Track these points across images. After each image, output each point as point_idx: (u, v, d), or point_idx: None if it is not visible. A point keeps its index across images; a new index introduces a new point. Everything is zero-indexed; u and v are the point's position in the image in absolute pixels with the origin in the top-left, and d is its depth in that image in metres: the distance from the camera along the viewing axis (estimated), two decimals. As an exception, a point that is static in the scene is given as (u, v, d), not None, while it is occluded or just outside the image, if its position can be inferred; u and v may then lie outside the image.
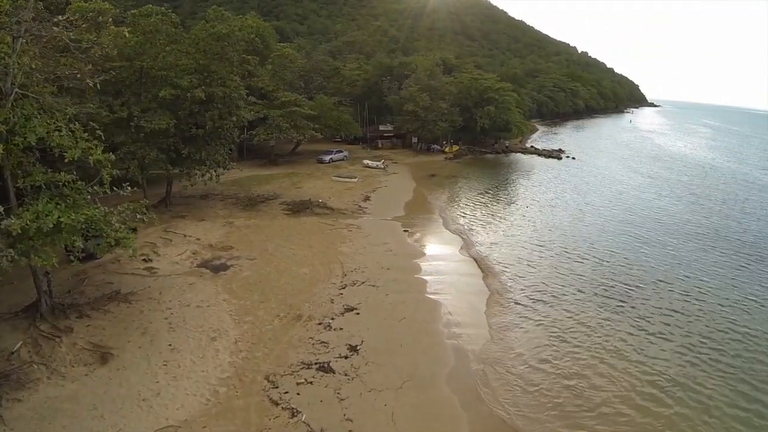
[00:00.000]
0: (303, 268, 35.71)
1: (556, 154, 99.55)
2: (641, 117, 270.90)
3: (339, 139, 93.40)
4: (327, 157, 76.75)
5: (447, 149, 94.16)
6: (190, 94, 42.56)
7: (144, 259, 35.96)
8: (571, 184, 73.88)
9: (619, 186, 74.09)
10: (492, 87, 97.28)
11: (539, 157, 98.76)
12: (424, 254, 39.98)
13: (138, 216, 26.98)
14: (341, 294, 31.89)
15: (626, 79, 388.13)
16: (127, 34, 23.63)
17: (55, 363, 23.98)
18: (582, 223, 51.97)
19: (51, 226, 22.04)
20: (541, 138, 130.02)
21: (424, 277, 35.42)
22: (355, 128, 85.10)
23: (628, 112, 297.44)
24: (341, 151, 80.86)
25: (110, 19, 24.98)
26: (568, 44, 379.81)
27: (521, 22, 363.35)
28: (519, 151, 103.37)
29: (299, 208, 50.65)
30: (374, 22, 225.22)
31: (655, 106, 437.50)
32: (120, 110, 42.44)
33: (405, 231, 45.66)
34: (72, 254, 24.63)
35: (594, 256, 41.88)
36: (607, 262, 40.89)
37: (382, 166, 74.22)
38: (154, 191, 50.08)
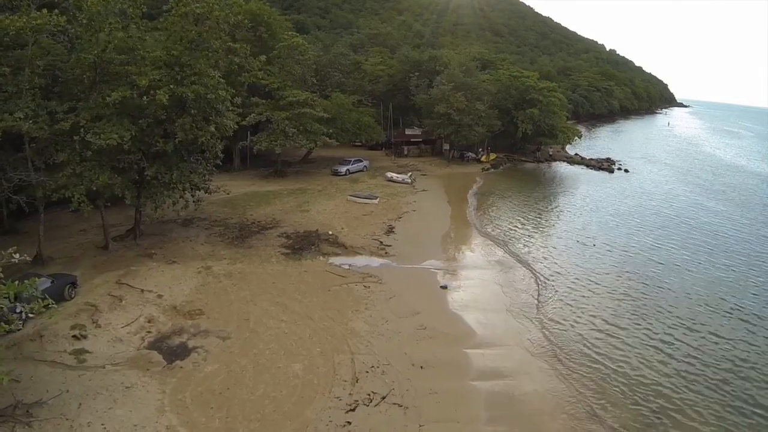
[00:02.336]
0: (295, 362, 23.94)
1: (606, 166, 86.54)
2: (676, 119, 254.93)
3: (359, 144, 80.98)
4: (343, 168, 64.78)
5: (483, 158, 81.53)
6: (147, 97, 31.31)
7: (75, 336, 25.06)
8: (635, 213, 58.84)
9: (693, 218, 58.82)
10: (535, 86, 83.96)
11: (587, 169, 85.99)
12: (473, 334, 27.83)
13: None
14: (348, 425, 20.04)
15: (655, 77, 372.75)
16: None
17: None
18: (667, 290, 37.15)
19: None
20: (580, 143, 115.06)
21: (478, 385, 23.43)
22: (377, 132, 72.81)
23: (661, 113, 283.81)
24: (360, 161, 68.53)
25: None
26: (596, 41, 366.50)
27: (548, 19, 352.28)
28: (563, 160, 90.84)
29: (302, 244, 39.17)
30: (398, 17, 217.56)
31: (685, 106, 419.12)
32: (63, 120, 31.30)
33: (443, 288, 33.62)
34: None
35: (702, 350, 28.75)
36: (721, 364, 27.64)
37: (409, 181, 62.07)
38: (128, 213, 39.62)
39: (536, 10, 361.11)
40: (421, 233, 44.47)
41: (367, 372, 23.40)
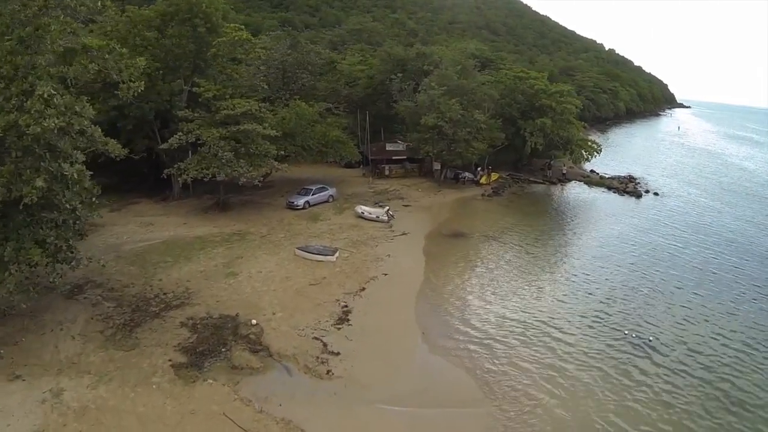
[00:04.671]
0: None
1: (631, 188, 70.89)
2: (682, 122, 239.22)
3: (332, 160, 64.98)
4: (301, 201, 49.56)
5: (483, 179, 66.29)
6: None
7: None
8: (695, 277, 40.05)
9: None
10: (545, 90, 68.66)
11: (608, 192, 70.12)
12: None
13: None
14: None
15: (655, 77, 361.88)
16: None
17: None
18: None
19: None
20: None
21: None
22: (349, 150, 57.65)
23: (665, 115, 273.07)
24: (324, 188, 52.96)
25: None
26: (594, 41, 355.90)
27: (546, 17, 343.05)
28: (579, 179, 75.45)
29: (208, 344, 25.26)
30: (391, 15, 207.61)
31: (686, 107, 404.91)
32: None
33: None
34: None
35: None
36: None
37: (386, 219, 47.13)
38: None
39: (534, 8, 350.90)
40: (390, 324, 29.26)
41: None
